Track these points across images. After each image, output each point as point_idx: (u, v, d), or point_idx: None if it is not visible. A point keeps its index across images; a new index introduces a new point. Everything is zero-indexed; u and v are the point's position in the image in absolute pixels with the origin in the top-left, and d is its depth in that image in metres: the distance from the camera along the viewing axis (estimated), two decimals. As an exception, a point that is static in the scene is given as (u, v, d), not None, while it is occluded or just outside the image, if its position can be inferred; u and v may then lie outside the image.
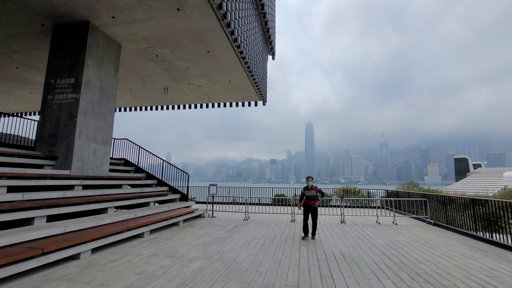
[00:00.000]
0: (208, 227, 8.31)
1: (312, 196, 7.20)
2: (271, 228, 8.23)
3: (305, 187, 7.46)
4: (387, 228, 8.33)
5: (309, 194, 7.25)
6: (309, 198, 7.22)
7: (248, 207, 10.29)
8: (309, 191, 7.27)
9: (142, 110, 18.62)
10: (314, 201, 7.17)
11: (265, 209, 12.52)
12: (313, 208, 7.12)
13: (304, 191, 7.42)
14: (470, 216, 7.45)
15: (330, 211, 11.97)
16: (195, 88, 14.40)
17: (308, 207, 7.18)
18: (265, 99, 16.33)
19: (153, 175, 11.30)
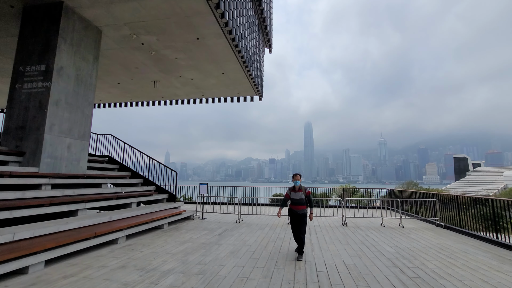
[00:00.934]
0: (195, 230, 7.48)
1: (299, 200, 5.42)
2: (265, 232, 7.41)
3: (291, 188, 5.67)
4: (394, 232, 7.53)
5: (296, 197, 5.44)
6: (296, 202, 5.44)
7: (241, 208, 9.50)
8: (296, 193, 5.47)
9: (132, 105, 17.76)
10: (302, 206, 5.39)
11: (260, 210, 11.71)
12: (301, 215, 5.32)
13: (289, 192, 5.63)
14: (486, 218, 6.66)
15: (330, 212, 11.15)
16: (186, 81, 13.55)
17: (294, 214, 5.38)
18: (262, 94, 15.50)
19: (139, 173, 10.45)
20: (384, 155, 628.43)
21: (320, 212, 10.31)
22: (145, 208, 7.91)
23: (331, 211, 11.36)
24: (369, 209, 12.68)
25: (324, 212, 10.26)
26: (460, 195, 7.56)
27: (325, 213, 10.68)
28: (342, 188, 41.67)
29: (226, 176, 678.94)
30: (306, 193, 5.50)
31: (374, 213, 10.45)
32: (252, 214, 10.22)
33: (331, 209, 12.37)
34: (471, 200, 7.38)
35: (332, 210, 11.76)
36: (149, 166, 10.25)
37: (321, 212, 11.07)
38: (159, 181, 10.76)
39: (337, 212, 10.79)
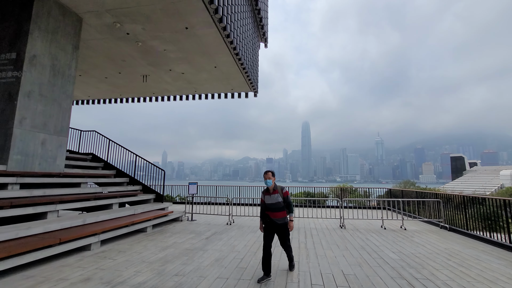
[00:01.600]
0: (181, 234, 6.88)
1: (276, 204, 4.17)
2: (257, 235, 6.83)
3: (264, 191, 4.41)
4: (396, 235, 6.99)
5: (271, 201, 4.21)
6: (272, 208, 4.19)
7: (235, 209, 8.93)
8: (271, 196, 4.23)
9: (123, 101, 17.09)
10: (280, 212, 4.17)
11: (254, 210, 11.14)
12: (280, 225, 4.16)
13: (263, 197, 4.36)
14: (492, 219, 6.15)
15: (327, 213, 10.61)
16: (177, 76, 12.93)
17: (272, 225, 4.17)
18: (257, 89, 14.92)
19: (125, 172, 9.82)
20: (381, 154, 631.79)
21: (317, 213, 9.77)
22: (127, 210, 7.30)
23: (329, 212, 10.84)
24: (368, 209, 12.17)
25: (321, 213, 9.72)
26: (467, 195, 7.05)
27: (322, 214, 10.13)
28: (339, 187, 41.19)
29: (224, 175, 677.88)
30: (284, 194, 4.29)
31: (373, 214, 9.95)
32: (245, 215, 9.65)
33: (329, 209, 11.83)
34: (480, 200, 6.86)
35: (330, 210, 11.23)
36: (135, 164, 9.62)
37: (318, 213, 10.53)
38: (147, 181, 10.15)
39: (334, 213, 10.26)
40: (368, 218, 8.78)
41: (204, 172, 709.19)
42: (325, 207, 12.56)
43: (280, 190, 4.33)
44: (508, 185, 61.44)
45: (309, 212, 10.53)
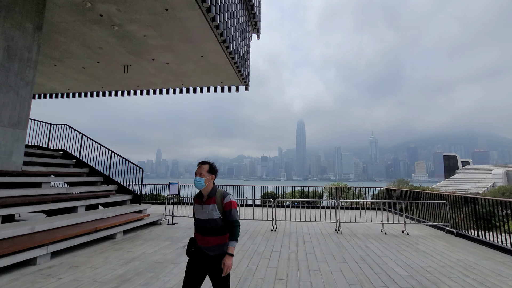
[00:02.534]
0: (155, 241, 6.01)
1: (208, 222, 2.51)
2: (242, 243, 6.01)
3: (195, 196, 2.71)
4: (399, 242, 6.24)
5: (202, 215, 2.54)
6: (201, 227, 2.54)
7: None
8: (203, 208, 2.57)
9: (105, 95, 16.03)
10: (214, 237, 2.49)
11: (245, 212, 10.32)
12: (211, 259, 2.45)
13: (194, 204, 2.65)
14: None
15: (322, 214, 9.84)
16: (161, 66, 11.96)
17: (197, 255, 2.50)
18: (248, 83, 14.05)
19: (99, 170, 8.86)
20: (375, 153, 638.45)
21: (310, 215, 9.00)
22: (94, 213, 6.38)
23: (323, 213, 10.07)
24: (365, 210, 11.45)
25: (315, 215, 8.95)
26: (479, 197, 6.33)
27: (316, 216, 9.35)
28: (334, 186, 40.45)
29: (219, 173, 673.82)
30: (224, 206, 2.55)
31: (371, 216, 9.20)
32: None
33: (323, 210, 11.07)
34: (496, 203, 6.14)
35: (325, 212, 10.45)
36: (110, 162, 8.68)
37: (312, 215, 9.75)
38: (125, 180, 9.21)
39: (330, 215, 9.49)
40: (367, 221, 8.03)
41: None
42: (320, 208, 11.81)
43: (220, 199, 2.57)
44: (500, 184, 62.01)
45: (302, 213, 9.76)
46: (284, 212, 8.31)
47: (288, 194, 22.67)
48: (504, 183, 66.78)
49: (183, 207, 10.33)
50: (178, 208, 9.59)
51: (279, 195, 22.05)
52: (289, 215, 8.98)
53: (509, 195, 41.41)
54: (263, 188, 18.07)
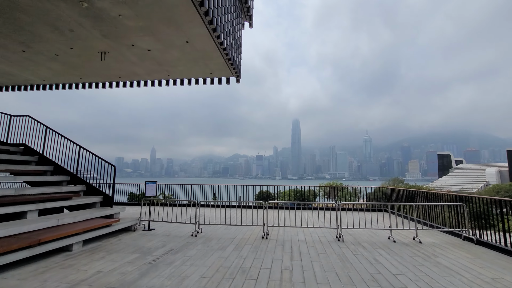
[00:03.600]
0: (120, 253, 4.96)
1: None
2: (225, 255, 4.99)
3: None
4: (413, 253, 5.31)
5: None
6: None
7: (210, 214, 7.04)
8: None
9: (85, 87, 14.80)
10: None
11: (232, 216, 9.29)
12: None
13: None
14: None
15: (320, 218, 8.86)
16: (143, 53, 10.83)
17: None
18: (239, 74, 13.01)
19: (66, 168, 7.72)
20: (369, 152, 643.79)
21: (307, 219, 8.02)
22: (45, 220, 5.27)
23: (321, 216, 9.10)
24: (364, 211, 10.52)
25: (312, 219, 7.96)
26: (505, 199, 5.43)
27: (313, 220, 8.37)
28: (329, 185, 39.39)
29: (214, 172, 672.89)
30: None
31: (376, 219, 8.27)
32: (218, 224, 7.75)
33: (321, 212, 10.10)
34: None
35: (323, 215, 9.48)
36: (78, 158, 7.55)
37: (309, 218, 8.77)
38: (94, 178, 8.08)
39: (329, 218, 8.51)
40: (373, 227, 7.05)
41: (193, 169, 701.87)
42: (318, 210, 10.85)
43: None
44: (494, 183, 62.26)
45: (298, 216, 8.77)
46: (277, 215, 7.32)
47: (283, 194, 21.77)
48: (498, 181, 67.16)
49: (162, 210, 9.20)
50: (158, 210, 8.52)
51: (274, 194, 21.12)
52: (282, 218, 7.99)
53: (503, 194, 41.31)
54: (257, 188, 17.18)
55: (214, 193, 18.36)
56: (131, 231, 6.73)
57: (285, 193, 21.56)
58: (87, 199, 7.05)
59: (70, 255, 4.74)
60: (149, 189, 7.12)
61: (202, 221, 7.55)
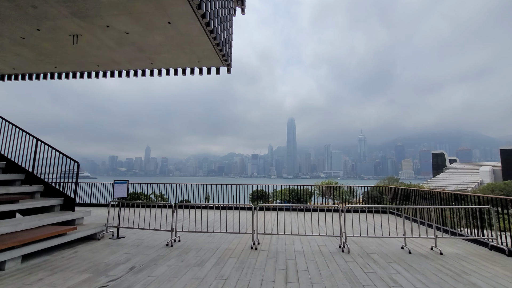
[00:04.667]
0: (67, 272, 3.89)
1: None
2: (201, 276, 3.94)
3: None
4: (436, 269, 4.34)
5: None
6: None
7: (188, 219, 5.95)
8: None
9: (61, 77, 13.53)
10: None
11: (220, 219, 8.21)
12: None
13: None
14: None
15: (321, 222, 7.84)
16: (121, 37, 9.66)
17: None
18: (230, 63, 11.93)
19: (21, 165, 6.53)
20: (363, 151, 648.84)
21: (304, 223, 7.02)
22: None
23: (321, 219, 8.06)
24: (367, 213, 9.55)
25: (311, 224, 6.95)
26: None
27: (312, 224, 7.31)
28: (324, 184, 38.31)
29: (209, 171, 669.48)
30: None
31: (380, 223, 7.28)
32: (200, 231, 6.65)
33: (321, 215, 9.05)
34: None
35: (324, 218, 8.42)
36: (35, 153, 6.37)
37: (307, 222, 7.73)
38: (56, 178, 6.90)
39: (330, 223, 7.49)
40: (383, 235, 6.00)
41: (188, 168, 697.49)
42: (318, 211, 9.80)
43: None
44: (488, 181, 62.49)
45: (294, 219, 7.71)
46: (270, 218, 6.27)
47: (278, 193, 20.80)
48: (491, 180, 67.50)
49: (139, 214, 7.96)
50: (134, 214, 7.35)
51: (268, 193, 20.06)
52: (276, 222, 6.94)
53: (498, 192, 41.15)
54: (251, 187, 16.25)
55: (207, 193, 17.32)
56: (95, 240, 5.61)
57: (280, 192, 20.58)
58: (42, 202, 5.86)
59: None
60: (118, 189, 5.98)
61: (185, 227, 6.45)
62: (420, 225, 5.65)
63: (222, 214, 8.08)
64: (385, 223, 7.05)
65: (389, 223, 5.92)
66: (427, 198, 9.39)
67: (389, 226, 5.80)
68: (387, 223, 7.26)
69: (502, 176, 65.88)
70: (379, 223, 6.90)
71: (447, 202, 6.65)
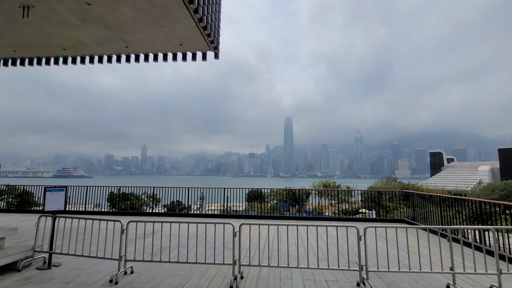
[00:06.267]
0: None
1: None
2: None
3: None
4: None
5: None
6: None
7: (143, 237, 4.35)
8: None
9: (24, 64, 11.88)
10: None
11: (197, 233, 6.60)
12: None
13: None
14: None
15: (329, 239, 6.19)
16: (82, 10, 8.04)
17: None
18: (217, 47, 10.34)
19: None
20: (360, 150, 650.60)
21: (306, 245, 5.34)
22: None
23: (330, 237, 6.23)
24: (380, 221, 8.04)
25: (317, 245, 5.19)
26: None
27: (318, 247, 5.54)
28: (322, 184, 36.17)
29: (206, 170, 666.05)
30: None
31: (402, 240, 5.57)
32: (160, 261, 4.98)
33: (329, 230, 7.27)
34: None
35: (335, 234, 6.57)
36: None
37: (310, 242, 6.04)
38: None
39: (343, 245, 5.74)
40: (422, 269, 4.19)
41: (185, 167, 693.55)
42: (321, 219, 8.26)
43: None
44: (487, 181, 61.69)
45: (291, 238, 5.93)
46: (259, 232, 4.64)
47: (275, 193, 19.37)
48: (490, 179, 66.78)
49: (78, 230, 5.99)
50: (75, 230, 5.58)
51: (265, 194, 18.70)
52: (267, 243, 5.25)
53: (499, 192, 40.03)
54: (247, 190, 14.86)
55: (202, 193, 15.94)
56: (14, 271, 4.05)
57: (277, 192, 19.13)
58: None
59: None
60: (51, 200, 4.31)
61: (142, 252, 4.81)
62: (463, 247, 3.93)
63: (200, 228, 6.46)
64: (412, 241, 5.31)
65: (419, 241, 4.36)
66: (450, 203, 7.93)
67: (419, 245, 4.23)
68: (415, 241, 5.41)
69: (500, 175, 65.13)
70: (404, 241, 5.20)
71: (490, 215, 5.12)
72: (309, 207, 21.28)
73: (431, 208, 9.80)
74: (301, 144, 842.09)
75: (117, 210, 16.12)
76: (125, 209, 16.13)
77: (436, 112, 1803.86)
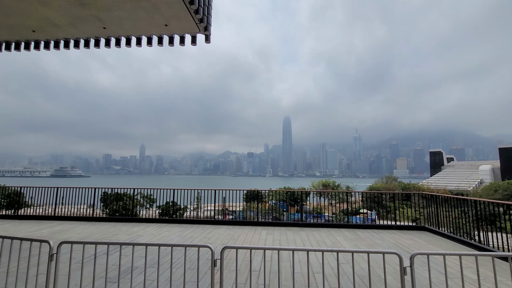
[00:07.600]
0: None
1: None
2: None
3: None
4: None
5: None
6: None
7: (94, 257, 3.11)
8: None
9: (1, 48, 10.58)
10: None
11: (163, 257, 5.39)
12: None
13: None
14: None
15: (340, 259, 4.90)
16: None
17: None
18: (208, 28, 9.12)
19: None
20: (358, 150, 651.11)
21: (308, 259, 4.16)
22: None
23: (325, 242, 5.12)
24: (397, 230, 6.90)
25: (321, 258, 3.88)
26: None
27: (321, 259, 4.14)
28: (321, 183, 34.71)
29: (204, 170, 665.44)
30: None
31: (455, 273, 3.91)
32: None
33: (345, 251, 6.05)
34: None
35: (325, 241, 5.53)
36: None
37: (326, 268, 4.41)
38: None
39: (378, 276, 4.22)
40: None
41: (184, 166, 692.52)
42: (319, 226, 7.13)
43: None
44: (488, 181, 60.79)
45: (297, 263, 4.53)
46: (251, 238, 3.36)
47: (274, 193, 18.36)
48: (491, 179, 66.01)
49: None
50: None
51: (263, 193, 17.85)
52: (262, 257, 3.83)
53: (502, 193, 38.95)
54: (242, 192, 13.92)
55: (199, 193, 14.98)
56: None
57: (276, 192, 18.19)
58: None
59: None
60: None
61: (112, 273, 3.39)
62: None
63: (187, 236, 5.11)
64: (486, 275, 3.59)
65: (496, 276, 2.89)
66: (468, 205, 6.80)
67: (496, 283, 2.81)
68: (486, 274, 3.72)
69: (501, 175, 64.35)
70: (469, 276, 3.48)
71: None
72: (309, 207, 20.30)
73: (449, 212, 8.66)
74: (300, 143, 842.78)
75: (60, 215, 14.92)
76: (117, 210, 14.96)
77: (434, 112, 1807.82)
